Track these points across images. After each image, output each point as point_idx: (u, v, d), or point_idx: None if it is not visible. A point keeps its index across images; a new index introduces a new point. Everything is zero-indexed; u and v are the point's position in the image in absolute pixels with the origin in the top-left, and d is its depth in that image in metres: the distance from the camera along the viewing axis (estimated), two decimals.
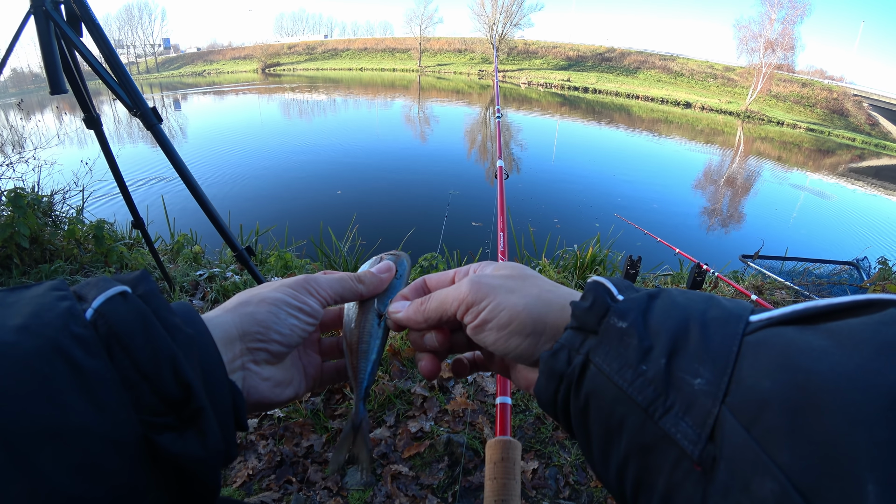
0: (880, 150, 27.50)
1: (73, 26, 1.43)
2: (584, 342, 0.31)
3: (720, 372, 0.24)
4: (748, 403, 0.23)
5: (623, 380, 0.28)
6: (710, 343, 0.26)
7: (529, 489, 1.61)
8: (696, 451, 0.24)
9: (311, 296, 0.42)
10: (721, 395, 0.24)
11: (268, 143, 12.89)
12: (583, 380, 0.30)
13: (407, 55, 62.77)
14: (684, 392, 0.25)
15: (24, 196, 2.66)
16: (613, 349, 0.29)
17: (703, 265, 2.25)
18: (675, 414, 0.25)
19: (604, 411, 0.29)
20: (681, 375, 0.26)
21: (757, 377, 0.23)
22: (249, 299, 0.40)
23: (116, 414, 0.25)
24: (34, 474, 0.21)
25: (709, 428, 0.24)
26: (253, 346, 0.38)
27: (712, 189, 11.53)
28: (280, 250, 3.40)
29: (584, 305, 0.32)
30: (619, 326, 0.29)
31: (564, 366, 0.31)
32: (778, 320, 0.26)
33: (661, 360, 0.27)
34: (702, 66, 46.20)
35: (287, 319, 0.40)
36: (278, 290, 0.41)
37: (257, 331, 0.38)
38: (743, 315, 0.27)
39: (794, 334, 0.24)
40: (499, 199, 1.39)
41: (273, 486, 1.54)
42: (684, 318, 0.28)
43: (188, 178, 1.59)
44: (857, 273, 4.28)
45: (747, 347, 0.25)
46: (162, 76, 61.65)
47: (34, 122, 5.22)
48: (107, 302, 0.28)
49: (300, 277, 0.43)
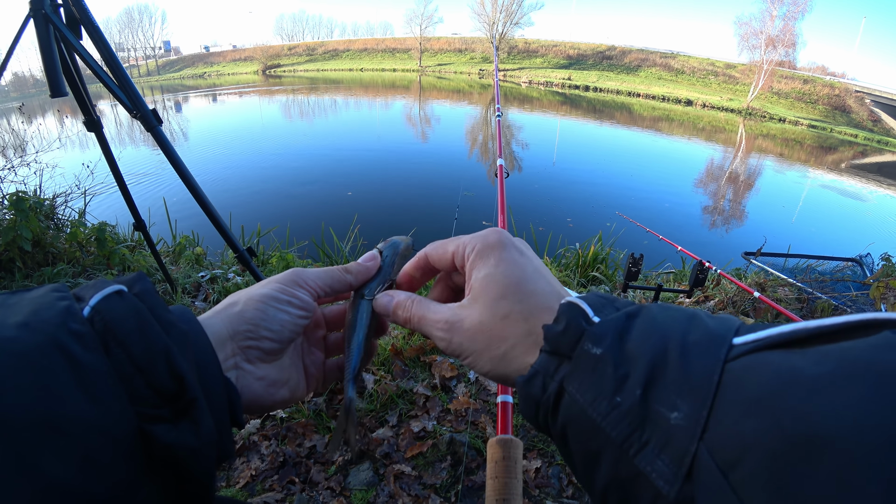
0: (883, 147, 27.41)
1: (73, 29, 1.44)
2: (558, 368, 0.29)
3: (699, 405, 0.22)
4: (727, 444, 0.21)
5: (597, 412, 0.26)
6: (690, 371, 0.24)
7: (532, 488, 1.60)
8: (672, 491, 0.22)
9: (301, 288, 0.42)
10: (699, 431, 0.22)
11: (269, 144, 12.92)
12: (558, 408, 0.29)
13: (407, 55, 62.87)
14: (661, 427, 0.23)
15: (26, 199, 2.66)
16: (587, 378, 0.27)
17: (705, 263, 2.24)
18: (651, 451, 0.23)
19: (581, 441, 0.28)
20: (657, 408, 0.24)
21: (738, 416, 0.21)
22: (237, 300, 0.40)
23: (112, 406, 0.25)
24: (32, 464, 0.21)
25: (686, 467, 0.22)
26: (244, 344, 0.38)
27: (714, 186, 11.51)
28: (282, 251, 3.41)
29: (557, 329, 0.30)
30: (594, 353, 0.28)
31: (539, 393, 0.30)
32: (765, 344, 0.23)
33: (637, 390, 0.25)
34: (703, 64, 46.13)
35: (277, 315, 0.40)
36: (266, 286, 0.41)
37: (247, 329, 0.38)
38: (726, 336, 0.25)
39: (782, 362, 0.21)
40: (499, 197, 1.38)
41: (276, 486, 1.54)
42: (663, 342, 0.26)
43: (189, 180, 1.59)
44: (861, 269, 4.26)
45: (729, 376, 0.23)
46: (163, 79, 61.88)
47: (35, 125, 5.25)
48: (103, 300, 0.28)
49: (289, 272, 0.43)
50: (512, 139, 15.01)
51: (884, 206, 12.27)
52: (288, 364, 0.43)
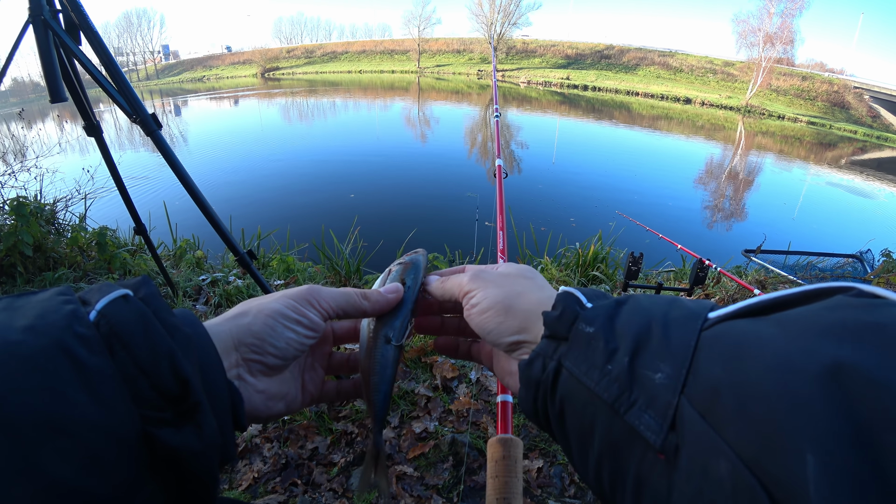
0: (882, 143, 27.38)
1: (72, 35, 1.44)
2: (556, 349, 0.33)
3: (679, 366, 0.26)
4: (703, 392, 0.24)
5: (591, 380, 0.29)
6: (671, 340, 0.27)
7: (534, 487, 1.61)
8: (658, 440, 0.25)
9: (313, 308, 0.42)
10: (679, 387, 0.25)
11: (268, 147, 12.91)
12: (556, 385, 0.32)
13: (406, 57, 62.85)
14: (646, 387, 0.27)
15: (26, 204, 2.67)
16: (582, 353, 0.31)
17: (705, 261, 2.24)
18: (639, 408, 0.27)
19: (577, 413, 0.31)
20: (643, 372, 0.27)
21: (710, 367, 0.24)
22: (248, 310, 0.40)
23: (116, 408, 0.25)
24: (37, 465, 0.21)
25: (669, 418, 0.25)
26: (248, 356, 0.38)
27: (714, 184, 11.49)
28: (282, 254, 3.41)
29: (555, 314, 0.34)
30: (587, 331, 0.31)
31: (539, 373, 0.33)
32: (734, 314, 0.27)
33: (625, 359, 0.28)
34: (701, 62, 46.12)
35: (284, 332, 0.39)
36: (279, 300, 0.40)
37: (252, 342, 0.38)
38: (702, 313, 0.29)
39: (747, 326, 0.25)
40: (498, 198, 1.39)
41: (278, 488, 1.55)
42: (647, 320, 0.30)
43: (189, 184, 1.59)
44: (861, 266, 4.26)
45: (704, 341, 0.26)
46: (162, 83, 61.88)
47: (35, 130, 5.25)
48: (109, 304, 0.29)
49: (303, 288, 0.43)
50: (511, 139, 15.00)
51: (885, 202, 12.25)
52: (288, 378, 0.43)
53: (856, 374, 0.19)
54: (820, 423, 0.19)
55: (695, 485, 0.23)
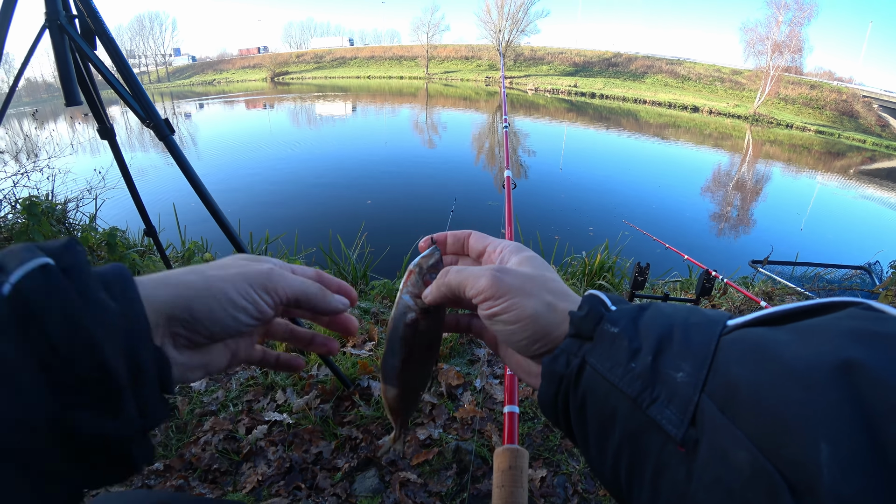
0: (891, 152, 27.14)
1: (88, 40, 1.46)
2: (581, 347, 0.34)
3: (700, 366, 0.28)
4: (723, 389, 0.26)
5: (614, 376, 0.31)
6: (691, 343, 0.29)
7: (538, 497, 1.60)
8: (679, 433, 0.27)
9: (269, 295, 0.39)
10: (700, 384, 0.27)
11: (277, 151, 13.03)
12: (580, 379, 0.34)
13: (414, 63, 63.19)
14: (668, 384, 0.29)
15: (38, 204, 2.70)
16: (606, 351, 0.32)
17: (711, 272, 2.23)
18: (661, 403, 0.28)
19: (598, 404, 0.32)
20: (665, 371, 0.29)
21: (730, 367, 0.27)
22: (195, 281, 0.36)
23: (28, 395, 0.25)
24: None
25: (690, 413, 0.27)
26: (176, 331, 0.36)
27: (721, 194, 11.44)
28: (290, 258, 3.43)
29: (581, 314, 0.35)
30: (612, 331, 0.33)
31: (563, 368, 0.35)
32: (751, 322, 0.29)
33: (648, 358, 0.30)
34: (709, 70, 46.03)
35: (223, 319, 0.37)
36: (233, 280, 0.37)
37: (185, 318, 0.35)
38: (721, 320, 0.31)
39: (764, 332, 0.27)
40: (506, 208, 1.39)
41: (282, 492, 1.55)
42: (669, 324, 0.32)
43: (200, 188, 1.60)
44: (870, 277, 4.22)
45: (724, 344, 0.28)
46: (173, 85, 62.58)
47: (48, 131, 5.31)
48: (25, 277, 0.26)
49: (265, 270, 0.40)
50: (518, 146, 15.02)
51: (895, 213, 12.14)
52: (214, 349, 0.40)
53: (866, 371, 0.21)
54: (832, 415, 0.21)
55: (714, 472, 0.25)
